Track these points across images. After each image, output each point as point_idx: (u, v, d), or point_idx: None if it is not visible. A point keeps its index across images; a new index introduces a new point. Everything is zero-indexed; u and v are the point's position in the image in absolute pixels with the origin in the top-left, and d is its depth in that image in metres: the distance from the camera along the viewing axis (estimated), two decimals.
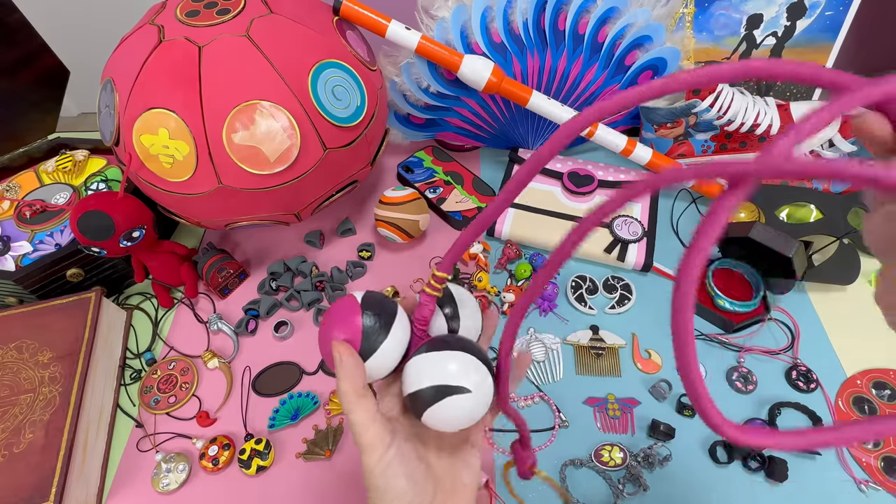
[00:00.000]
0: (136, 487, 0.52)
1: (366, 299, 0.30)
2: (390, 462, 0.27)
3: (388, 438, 0.28)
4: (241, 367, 0.59)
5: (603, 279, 0.65)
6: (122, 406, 0.57)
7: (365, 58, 0.59)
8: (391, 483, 0.27)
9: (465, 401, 0.27)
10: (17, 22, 0.65)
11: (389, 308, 0.30)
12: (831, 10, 0.68)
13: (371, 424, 0.27)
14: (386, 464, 0.27)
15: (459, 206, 0.72)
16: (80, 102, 1.82)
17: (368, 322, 0.29)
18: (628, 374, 0.58)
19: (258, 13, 0.52)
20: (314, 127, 0.52)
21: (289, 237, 0.72)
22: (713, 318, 0.61)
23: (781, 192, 0.69)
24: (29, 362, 0.53)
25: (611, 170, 0.74)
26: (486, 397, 0.29)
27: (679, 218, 0.73)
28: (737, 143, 0.68)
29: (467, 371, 0.28)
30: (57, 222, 0.63)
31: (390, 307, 0.30)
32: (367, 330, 0.29)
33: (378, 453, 0.27)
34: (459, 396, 0.27)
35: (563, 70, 0.70)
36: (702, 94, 0.65)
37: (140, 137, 0.50)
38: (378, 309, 0.30)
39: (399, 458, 0.28)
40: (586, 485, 0.50)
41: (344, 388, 0.28)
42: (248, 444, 0.53)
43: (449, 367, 0.28)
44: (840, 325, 0.61)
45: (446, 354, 0.28)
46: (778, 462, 0.50)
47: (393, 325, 0.30)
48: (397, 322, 0.30)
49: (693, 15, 0.71)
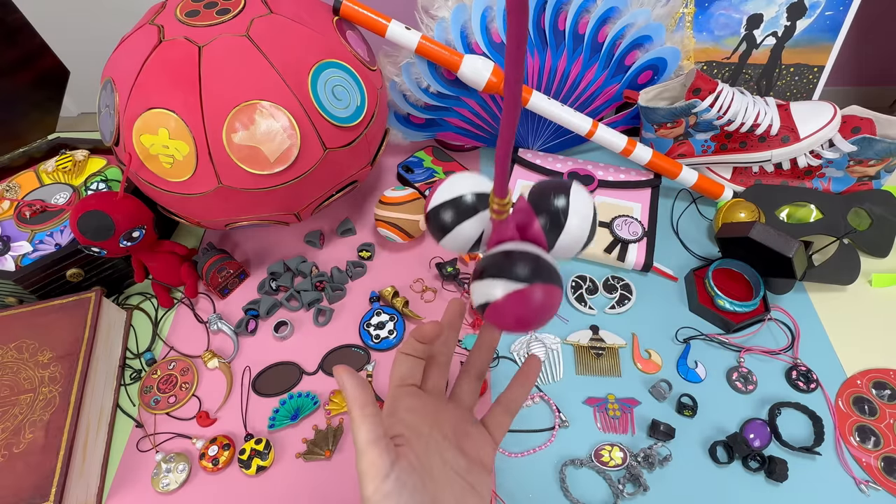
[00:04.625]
0: (136, 487, 0.52)
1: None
2: (388, 493, 0.25)
3: (387, 466, 0.26)
4: (241, 367, 0.59)
5: (603, 279, 0.65)
6: (122, 406, 0.57)
7: (365, 58, 0.59)
8: None
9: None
10: (17, 22, 0.65)
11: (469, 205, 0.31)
12: (831, 10, 0.68)
13: (370, 448, 0.26)
14: (383, 495, 0.25)
15: None
16: (80, 102, 1.83)
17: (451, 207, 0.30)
18: (628, 374, 0.58)
19: (258, 13, 0.52)
20: (314, 127, 0.52)
21: (289, 237, 0.72)
22: (713, 318, 0.61)
23: (781, 192, 0.69)
24: (29, 362, 0.53)
25: (611, 170, 0.74)
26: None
27: (679, 218, 0.73)
28: (737, 143, 0.68)
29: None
30: (57, 222, 0.63)
31: (475, 205, 0.30)
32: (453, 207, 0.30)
33: (375, 483, 0.25)
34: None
35: (563, 70, 0.70)
36: (702, 94, 0.65)
37: (140, 137, 0.50)
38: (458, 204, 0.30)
39: (398, 490, 0.25)
40: (586, 485, 0.50)
41: (349, 405, 0.27)
42: (248, 444, 0.53)
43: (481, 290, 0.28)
44: (840, 325, 0.61)
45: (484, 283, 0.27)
46: (778, 462, 0.50)
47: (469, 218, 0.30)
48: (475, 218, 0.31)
49: (693, 15, 0.71)
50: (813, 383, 0.56)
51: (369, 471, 0.25)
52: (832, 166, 0.67)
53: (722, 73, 0.75)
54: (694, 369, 0.57)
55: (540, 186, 0.31)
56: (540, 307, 0.26)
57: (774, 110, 0.65)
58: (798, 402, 0.54)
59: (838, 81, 1.47)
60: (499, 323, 0.27)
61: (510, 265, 0.26)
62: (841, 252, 0.62)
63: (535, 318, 0.26)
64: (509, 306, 0.26)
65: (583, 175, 0.72)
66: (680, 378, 0.57)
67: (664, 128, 0.71)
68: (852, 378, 0.57)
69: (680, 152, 0.72)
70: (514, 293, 0.26)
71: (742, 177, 0.72)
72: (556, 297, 0.27)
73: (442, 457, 0.30)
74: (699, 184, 0.70)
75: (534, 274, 0.26)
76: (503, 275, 0.26)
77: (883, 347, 0.59)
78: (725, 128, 0.67)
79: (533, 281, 0.26)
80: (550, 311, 0.27)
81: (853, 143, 0.64)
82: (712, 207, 0.74)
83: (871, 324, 0.61)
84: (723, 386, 0.57)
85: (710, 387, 0.57)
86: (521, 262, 0.26)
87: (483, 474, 0.31)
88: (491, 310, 0.27)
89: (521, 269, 0.26)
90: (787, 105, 0.66)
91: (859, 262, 0.62)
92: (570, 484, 0.50)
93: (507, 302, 0.26)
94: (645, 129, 0.74)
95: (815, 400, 0.55)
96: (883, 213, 0.66)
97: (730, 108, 0.65)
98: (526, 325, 0.27)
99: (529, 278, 0.26)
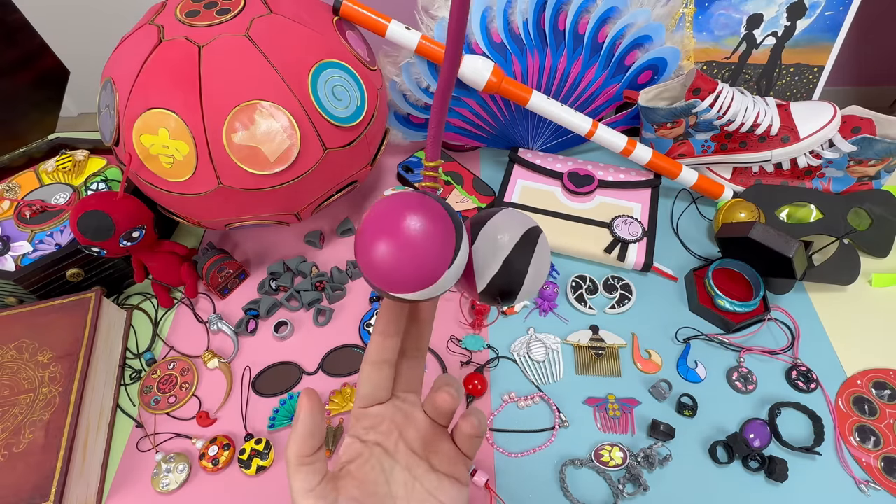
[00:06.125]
0: (136, 487, 0.52)
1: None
2: None
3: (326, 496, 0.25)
4: (241, 367, 0.59)
5: (603, 279, 0.65)
6: (122, 406, 0.57)
7: (365, 58, 0.59)
8: None
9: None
10: (17, 22, 0.65)
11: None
12: (831, 10, 0.68)
13: (303, 499, 0.25)
14: None
15: (459, 206, 0.72)
16: (80, 102, 1.83)
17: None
18: (628, 374, 0.58)
19: (258, 13, 0.52)
20: (314, 127, 0.52)
21: (289, 237, 0.72)
22: (713, 318, 0.61)
23: (781, 192, 0.69)
24: (29, 362, 0.53)
25: (611, 170, 0.74)
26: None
27: (679, 218, 0.73)
28: (737, 143, 0.68)
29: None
30: (57, 222, 0.63)
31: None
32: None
33: None
34: None
35: (563, 70, 0.70)
36: (702, 94, 0.65)
37: (140, 137, 0.50)
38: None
39: None
40: (586, 485, 0.50)
41: (288, 452, 0.25)
42: (248, 444, 0.53)
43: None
44: (840, 325, 0.61)
45: None
46: (778, 462, 0.50)
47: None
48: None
49: (693, 15, 0.71)
50: (813, 383, 0.56)
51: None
52: (832, 166, 0.67)
53: (722, 73, 0.75)
54: (694, 369, 0.57)
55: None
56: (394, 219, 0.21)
57: (774, 110, 0.65)
58: (798, 402, 0.54)
59: (838, 81, 1.47)
60: (359, 256, 0.22)
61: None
62: (841, 252, 0.62)
63: (385, 243, 0.21)
64: (369, 227, 0.21)
65: (583, 175, 0.72)
66: (680, 378, 0.57)
67: (664, 128, 0.71)
68: (852, 378, 0.57)
69: (680, 152, 0.72)
70: (378, 206, 0.21)
71: (742, 177, 0.72)
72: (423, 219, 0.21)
73: (411, 473, 0.28)
74: (699, 184, 0.70)
75: (417, 200, 0.21)
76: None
77: (883, 347, 0.59)
78: (725, 128, 0.67)
79: (409, 203, 0.21)
80: (415, 241, 0.21)
81: (853, 143, 0.64)
82: (712, 207, 0.74)
83: (871, 324, 0.61)
84: (723, 386, 0.57)
85: (710, 387, 0.57)
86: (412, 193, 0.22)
87: (454, 490, 0.29)
88: (358, 236, 0.22)
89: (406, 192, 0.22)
90: (787, 105, 0.66)
91: (859, 262, 0.62)
92: (570, 484, 0.50)
93: (368, 221, 0.21)
94: (645, 129, 0.74)
95: (815, 400, 0.55)
96: (883, 213, 0.66)
97: (730, 108, 0.65)
98: (379, 262, 0.21)
99: (407, 198, 0.21)
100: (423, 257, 0.21)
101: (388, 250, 0.21)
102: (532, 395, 0.56)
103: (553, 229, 0.68)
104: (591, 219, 0.68)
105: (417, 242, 0.21)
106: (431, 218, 0.21)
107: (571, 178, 0.72)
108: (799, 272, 0.57)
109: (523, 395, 0.56)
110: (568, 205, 0.71)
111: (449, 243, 0.21)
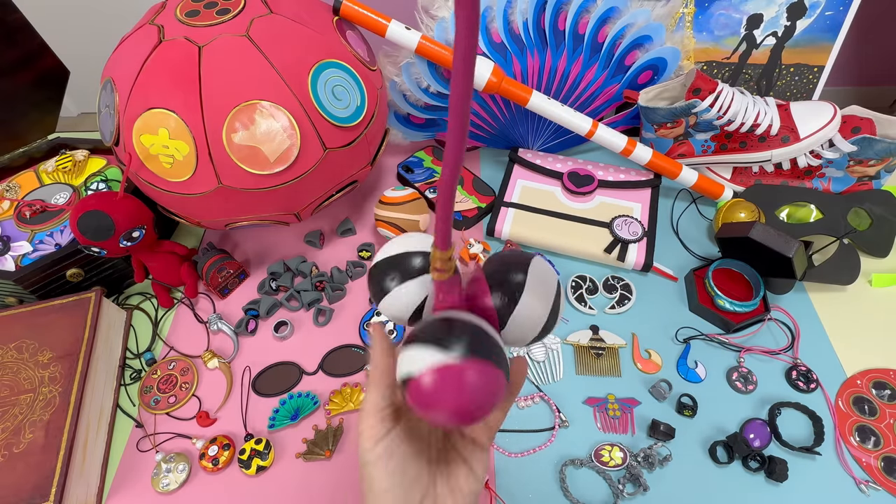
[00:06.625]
0: (136, 487, 0.52)
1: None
2: (380, 455, 0.27)
3: (380, 433, 0.28)
4: (241, 367, 0.59)
5: (603, 279, 0.65)
6: (122, 406, 0.57)
7: (365, 58, 0.59)
8: (375, 476, 0.27)
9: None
10: (17, 22, 0.65)
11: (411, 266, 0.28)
12: (831, 10, 0.68)
13: (370, 414, 0.28)
14: (376, 456, 0.27)
15: (459, 206, 0.72)
16: (80, 102, 1.83)
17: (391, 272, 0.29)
18: (628, 374, 0.58)
19: (258, 13, 0.52)
20: (314, 127, 0.52)
21: (289, 237, 0.72)
22: (713, 318, 0.61)
23: (781, 192, 0.69)
24: (29, 362, 0.53)
25: (611, 170, 0.74)
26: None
27: (679, 218, 0.73)
28: (737, 143, 0.68)
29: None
30: (57, 222, 0.63)
31: (416, 267, 0.28)
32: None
33: (369, 444, 0.28)
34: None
35: (563, 70, 0.70)
36: (702, 94, 0.65)
37: (140, 137, 0.50)
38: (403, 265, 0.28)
39: (387, 455, 0.27)
40: (586, 485, 0.50)
41: (371, 365, 0.29)
42: (248, 444, 0.53)
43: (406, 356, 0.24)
44: (840, 325, 0.61)
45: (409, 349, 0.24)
46: (778, 462, 0.50)
47: (408, 281, 0.28)
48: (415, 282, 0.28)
49: (693, 15, 0.71)
50: (813, 383, 0.56)
51: (365, 431, 0.28)
52: (832, 166, 0.67)
53: (722, 73, 0.75)
54: (694, 369, 0.57)
55: (499, 256, 0.28)
56: (472, 390, 0.21)
57: (774, 110, 0.65)
58: (798, 402, 0.54)
59: (838, 81, 1.47)
60: (420, 404, 0.22)
61: (445, 332, 0.22)
62: (841, 252, 0.62)
63: (464, 405, 0.21)
64: (434, 384, 0.21)
65: (583, 175, 0.72)
66: (680, 378, 0.57)
67: (664, 128, 0.71)
68: (852, 378, 0.57)
69: (680, 152, 0.72)
70: (441, 367, 0.21)
71: (742, 177, 0.72)
72: (495, 383, 0.21)
73: (433, 433, 0.31)
74: (699, 184, 0.70)
75: (472, 347, 0.21)
76: (434, 342, 0.21)
77: (883, 347, 0.59)
78: (725, 128, 0.67)
79: (469, 356, 0.21)
80: (486, 400, 0.21)
81: (853, 143, 0.64)
82: (712, 207, 0.74)
83: (871, 324, 0.61)
84: (723, 386, 0.57)
85: (710, 387, 0.57)
86: (459, 330, 0.22)
87: (477, 454, 0.31)
88: (413, 387, 0.22)
89: (456, 338, 0.21)
90: (787, 105, 0.66)
91: (859, 262, 0.62)
92: (570, 484, 0.50)
93: (433, 378, 0.21)
94: (645, 129, 0.74)
95: (815, 400, 0.55)
96: (883, 213, 0.66)
97: (730, 108, 0.65)
98: (452, 413, 0.21)
99: (465, 352, 0.21)
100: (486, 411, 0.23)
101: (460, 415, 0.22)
102: (532, 395, 0.56)
103: (553, 229, 0.68)
104: (591, 219, 0.68)
105: (485, 409, 0.23)
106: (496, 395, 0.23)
107: (571, 178, 0.72)
108: (799, 272, 0.57)
109: (523, 395, 0.56)
110: (568, 205, 0.71)
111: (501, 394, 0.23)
